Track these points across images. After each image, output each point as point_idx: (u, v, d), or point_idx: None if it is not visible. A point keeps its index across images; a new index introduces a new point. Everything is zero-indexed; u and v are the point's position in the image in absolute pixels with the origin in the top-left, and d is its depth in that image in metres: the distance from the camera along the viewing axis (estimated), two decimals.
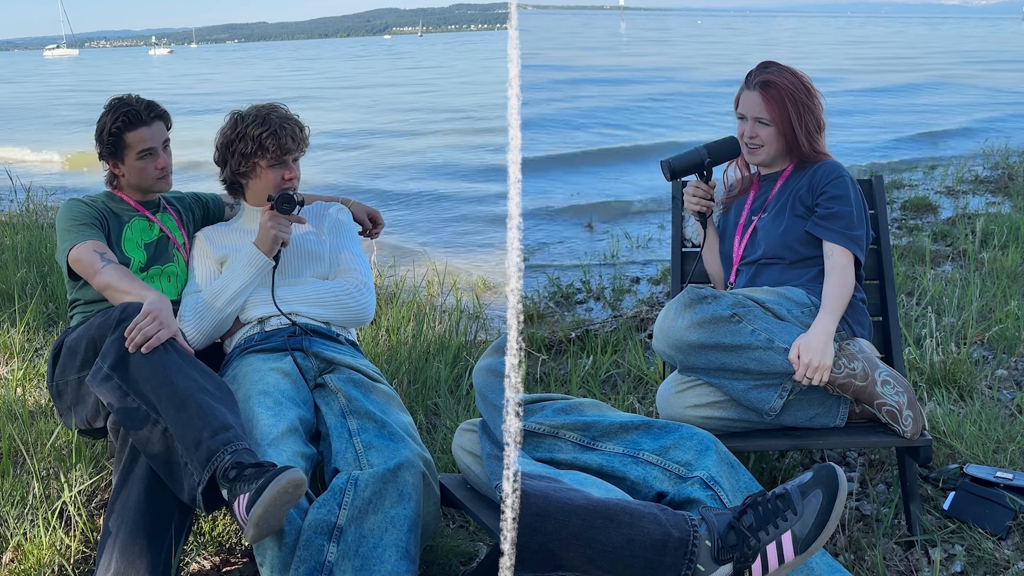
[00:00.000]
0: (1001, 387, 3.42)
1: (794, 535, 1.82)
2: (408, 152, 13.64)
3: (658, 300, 4.93)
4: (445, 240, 7.57)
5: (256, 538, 1.99)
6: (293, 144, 2.76)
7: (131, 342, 2.25)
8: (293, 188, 2.78)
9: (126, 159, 2.74)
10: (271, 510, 1.95)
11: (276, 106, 2.83)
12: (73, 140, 15.99)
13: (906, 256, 5.37)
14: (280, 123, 2.75)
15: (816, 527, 1.82)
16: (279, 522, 2.00)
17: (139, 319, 2.27)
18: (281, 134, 2.73)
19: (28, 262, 5.08)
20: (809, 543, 1.81)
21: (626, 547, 1.84)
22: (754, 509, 1.86)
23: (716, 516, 1.89)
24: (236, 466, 2.05)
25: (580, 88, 20.87)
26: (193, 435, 2.12)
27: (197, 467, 2.10)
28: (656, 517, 1.88)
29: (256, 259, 2.66)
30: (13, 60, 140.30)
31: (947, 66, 28.87)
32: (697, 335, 2.34)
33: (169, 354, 2.26)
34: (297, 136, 2.77)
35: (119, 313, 2.33)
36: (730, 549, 1.83)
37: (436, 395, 3.41)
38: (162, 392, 2.19)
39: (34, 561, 2.35)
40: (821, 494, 1.83)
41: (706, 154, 2.70)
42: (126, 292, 2.46)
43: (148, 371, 2.22)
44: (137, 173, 2.75)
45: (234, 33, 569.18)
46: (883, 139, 12.43)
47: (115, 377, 2.25)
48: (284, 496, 1.96)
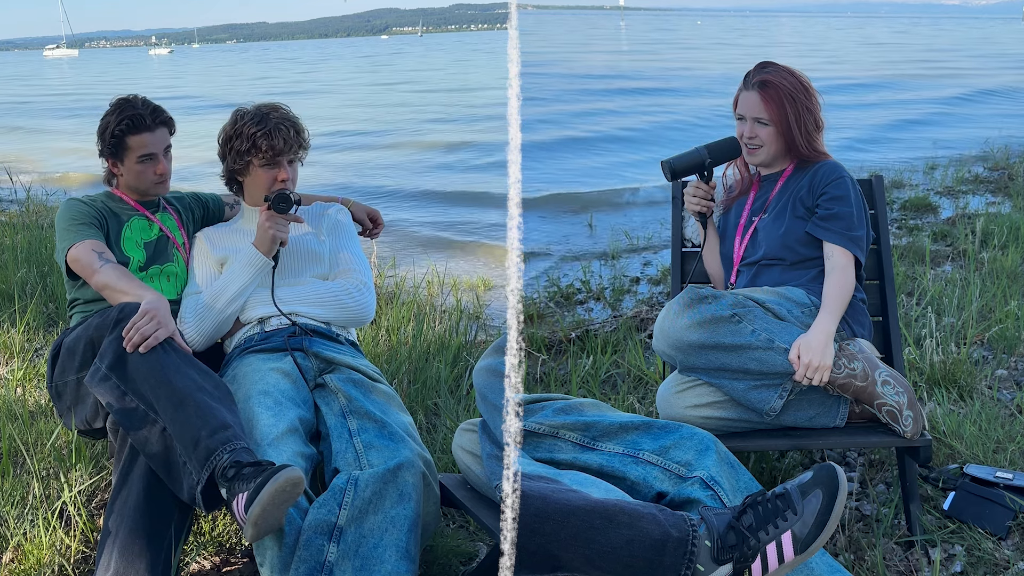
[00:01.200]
0: (1001, 387, 3.42)
1: (794, 535, 1.82)
2: (408, 151, 13.64)
3: (658, 300, 4.93)
4: (445, 239, 7.57)
5: (255, 537, 1.99)
6: (285, 146, 2.73)
7: (129, 342, 2.25)
8: (288, 189, 2.77)
9: (126, 161, 2.74)
10: (269, 509, 1.95)
11: (278, 106, 2.82)
12: (73, 140, 15.98)
13: (906, 256, 5.37)
14: (277, 123, 2.73)
15: (816, 527, 1.81)
16: (278, 521, 2.00)
17: (137, 319, 2.27)
18: (275, 135, 2.72)
19: (28, 262, 5.08)
20: (809, 543, 1.81)
21: (625, 547, 1.84)
22: (754, 509, 1.86)
23: (716, 516, 1.88)
24: (234, 465, 2.05)
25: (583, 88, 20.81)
26: (191, 434, 2.12)
27: (196, 466, 2.10)
28: (655, 517, 1.88)
29: (255, 259, 2.66)
30: (13, 60, 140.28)
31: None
32: (697, 335, 2.34)
33: (167, 353, 2.26)
34: (291, 138, 2.74)
35: (117, 313, 2.33)
36: (729, 549, 1.83)
37: (436, 395, 3.41)
38: (160, 392, 2.19)
39: (34, 561, 2.35)
40: (821, 494, 1.83)
41: (707, 154, 2.70)
42: (124, 292, 2.46)
43: (146, 371, 2.22)
44: (135, 176, 2.75)
45: (234, 33, 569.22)
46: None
47: (113, 377, 2.25)
48: (282, 495, 1.95)
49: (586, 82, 23.07)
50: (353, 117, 18.99)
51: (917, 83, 21.30)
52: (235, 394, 2.40)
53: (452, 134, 15.29)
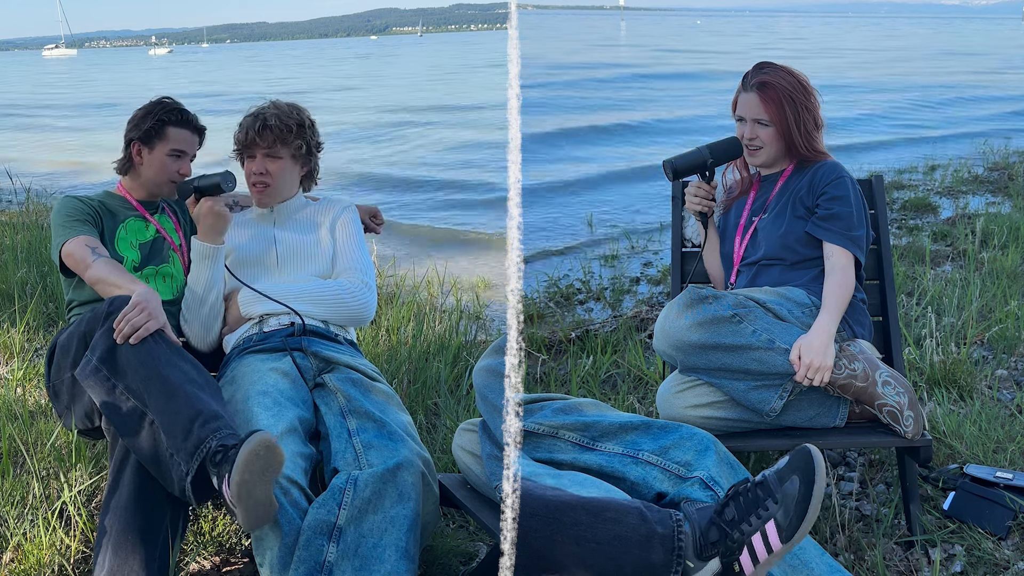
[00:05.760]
0: (1001, 387, 3.42)
1: (777, 524, 1.78)
2: (407, 151, 13.63)
3: (658, 300, 4.93)
4: (444, 240, 7.57)
5: (246, 520, 1.96)
6: (259, 138, 2.77)
7: (119, 333, 2.23)
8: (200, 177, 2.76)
9: (156, 150, 2.75)
10: (248, 477, 1.92)
11: (277, 102, 2.87)
12: (72, 140, 15.99)
13: (906, 256, 5.38)
14: (261, 116, 2.79)
15: (798, 514, 1.77)
16: (265, 497, 1.96)
17: (127, 310, 2.26)
18: (250, 125, 2.78)
19: (28, 262, 5.08)
20: (793, 530, 1.77)
21: (613, 543, 1.83)
22: (735, 501, 1.84)
23: (698, 512, 1.87)
24: (221, 449, 2.05)
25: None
26: (183, 425, 2.11)
27: (185, 457, 2.09)
28: (641, 513, 1.87)
29: (203, 251, 2.69)
30: (12, 60, 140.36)
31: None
32: (698, 335, 2.34)
33: (158, 345, 2.26)
34: (263, 131, 2.76)
35: (107, 306, 2.32)
36: (712, 545, 1.82)
37: (436, 395, 3.41)
38: (151, 383, 2.18)
39: (34, 561, 2.35)
40: (798, 480, 1.78)
41: (708, 154, 2.69)
42: (116, 286, 2.45)
43: (137, 362, 2.21)
44: (159, 168, 2.76)
45: (234, 33, 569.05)
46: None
47: (104, 369, 2.24)
48: (257, 459, 1.93)
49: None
50: (352, 117, 19.00)
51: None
52: (234, 394, 2.40)
53: (451, 133, 15.29)
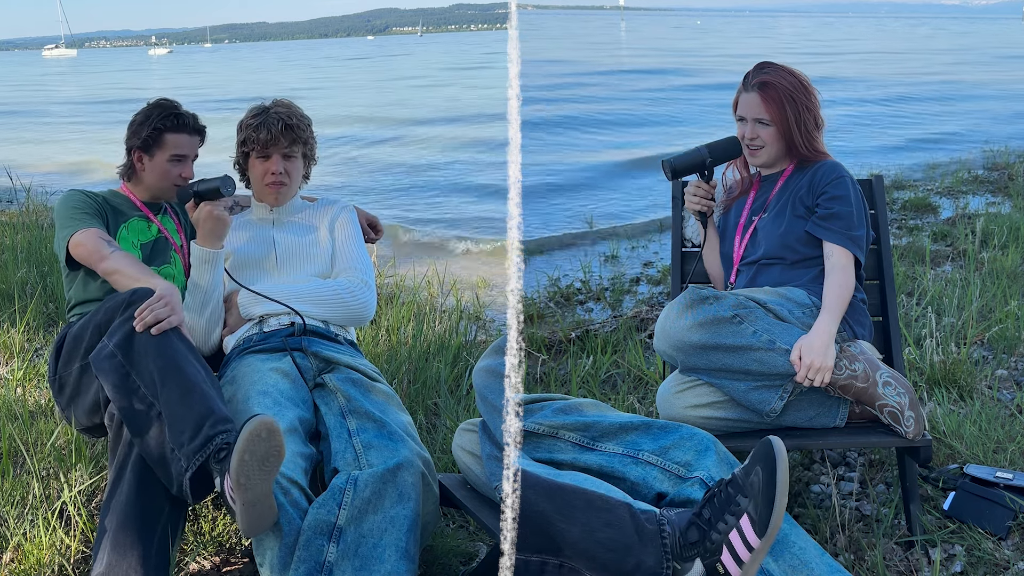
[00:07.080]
0: (1001, 387, 3.42)
1: (750, 517, 1.77)
2: (407, 150, 13.63)
3: (658, 300, 4.93)
4: (444, 239, 7.57)
5: (244, 514, 1.95)
6: (271, 139, 2.76)
7: (141, 321, 2.23)
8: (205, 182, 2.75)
9: (155, 156, 2.74)
10: (247, 458, 1.91)
11: (282, 101, 2.86)
12: (73, 140, 15.99)
13: (906, 256, 5.38)
14: (272, 116, 2.77)
15: (765, 503, 1.75)
16: (264, 490, 1.96)
17: (152, 301, 2.26)
18: (260, 126, 2.76)
19: (28, 262, 5.08)
20: (765, 522, 1.75)
21: (604, 529, 1.84)
22: (711, 502, 1.84)
23: (677, 515, 1.88)
24: (225, 446, 2.06)
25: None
26: (193, 421, 2.11)
27: (187, 453, 2.09)
28: (628, 506, 1.90)
29: (202, 255, 2.67)
30: (12, 60, 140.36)
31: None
32: (698, 336, 2.34)
33: (179, 340, 2.27)
34: (275, 131, 2.75)
35: (129, 296, 2.31)
36: (692, 546, 1.82)
37: (436, 395, 3.41)
38: (168, 375, 2.18)
39: (34, 561, 2.35)
40: (760, 470, 1.77)
41: (707, 154, 2.70)
42: (135, 279, 2.43)
43: (155, 352, 2.21)
44: (160, 174, 2.75)
45: (234, 33, 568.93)
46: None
47: (119, 355, 2.23)
48: (259, 440, 1.92)
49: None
50: (353, 117, 18.99)
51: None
52: (234, 394, 2.40)
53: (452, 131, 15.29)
